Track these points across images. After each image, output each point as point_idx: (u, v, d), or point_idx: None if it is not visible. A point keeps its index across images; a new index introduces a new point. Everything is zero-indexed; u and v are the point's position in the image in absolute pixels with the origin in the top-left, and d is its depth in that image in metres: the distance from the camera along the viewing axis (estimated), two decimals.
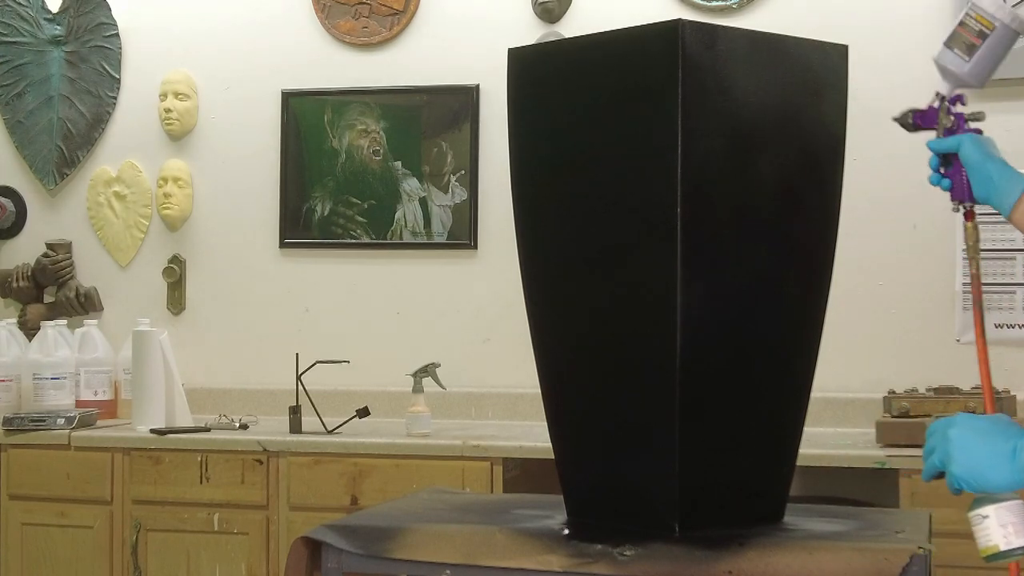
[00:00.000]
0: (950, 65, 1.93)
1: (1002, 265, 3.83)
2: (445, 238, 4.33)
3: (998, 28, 1.90)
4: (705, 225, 2.02)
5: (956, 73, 1.94)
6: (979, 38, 1.90)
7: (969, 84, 1.95)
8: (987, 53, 1.91)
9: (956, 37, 1.94)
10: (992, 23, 1.89)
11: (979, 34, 1.90)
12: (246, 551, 3.79)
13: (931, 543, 2.01)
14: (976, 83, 1.95)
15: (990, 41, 1.90)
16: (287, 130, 4.47)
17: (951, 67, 1.93)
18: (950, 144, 1.93)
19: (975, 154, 1.91)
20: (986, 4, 1.91)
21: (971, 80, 1.94)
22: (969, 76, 1.93)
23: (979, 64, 1.92)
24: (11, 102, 4.70)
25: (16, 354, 4.30)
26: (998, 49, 1.91)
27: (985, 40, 1.90)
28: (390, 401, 4.17)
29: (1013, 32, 1.91)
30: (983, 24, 1.90)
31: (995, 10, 1.90)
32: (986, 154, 1.91)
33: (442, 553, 2.06)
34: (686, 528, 2.05)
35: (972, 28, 1.91)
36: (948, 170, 1.95)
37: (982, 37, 1.90)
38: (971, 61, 1.91)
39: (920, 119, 2.00)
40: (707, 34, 2.01)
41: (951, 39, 1.95)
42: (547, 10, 4.21)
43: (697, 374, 2.02)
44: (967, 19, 1.93)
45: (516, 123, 2.26)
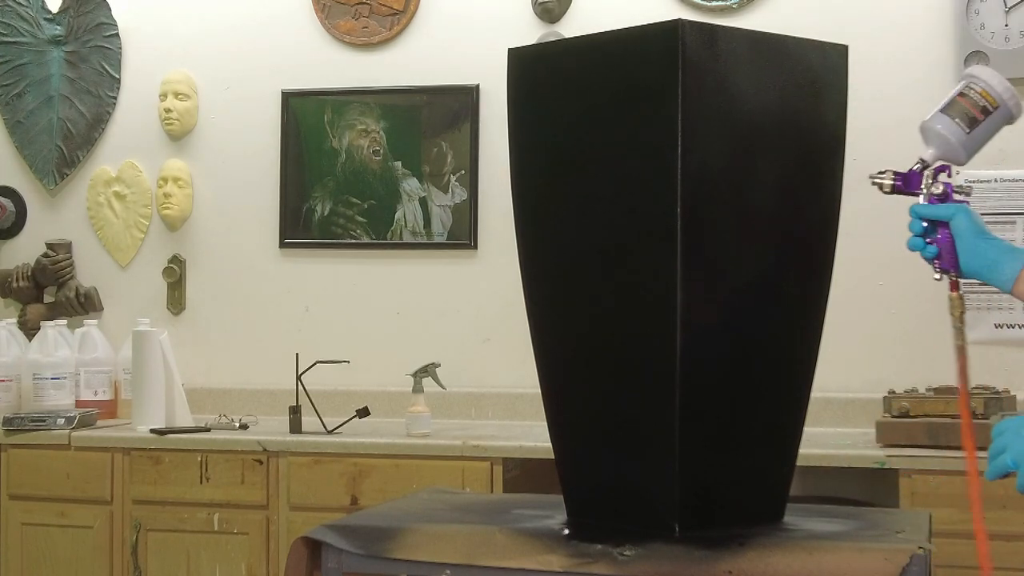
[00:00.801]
0: (948, 133, 1.87)
1: None
2: (445, 238, 4.33)
3: (1001, 108, 1.86)
4: (705, 225, 2.02)
5: (952, 142, 1.88)
6: (983, 113, 1.85)
7: (957, 156, 1.89)
8: (985, 130, 1.87)
9: (956, 106, 1.88)
10: (997, 102, 1.85)
11: (983, 109, 1.85)
12: (246, 551, 3.79)
13: (931, 543, 2.01)
14: (965, 157, 1.89)
15: (991, 119, 1.86)
16: (287, 130, 4.47)
17: (949, 135, 1.87)
18: (942, 212, 1.89)
19: (970, 227, 1.87)
20: (995, 82, 1.87)
21: (963, 152, 1.89)
22: (963, 148, 1.88)
23: (975, 139, 1.87)
24: (11, 102, 4.70)
25: (16, 354, 4.30)
26: (994, 128, 1.87)
27: (988, 116, 1.85)
28: (390, 401, 4.17)
29: (1010, 115, 1.87)
30: (988, 100, 1.85)
31: (1003, 90, 1.86)
32: (979, 228, 1.87)
33: (442, 553, 2.06)
34: (686, 528, 2.05)
35: (976, 101, 1.86)
36: (933, 237, 1.91)
37: (985, 113, 1.85)
38: (971, 134, 1.86)
39: (902, 182, 1.95)
40: (707, 34, 2.01)
41: (950, 107, 1.89)
42: (547, 10, 4.21)
43: (697, 374, 2.02)
44: (970, 91, 1.87)
45: (516, 123, 2.26)
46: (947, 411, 3.43)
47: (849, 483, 3.53)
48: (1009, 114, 1.87)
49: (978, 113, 1.85)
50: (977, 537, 1.74)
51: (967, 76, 1.89)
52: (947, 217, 1.89)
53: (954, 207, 1.89)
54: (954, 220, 1.88)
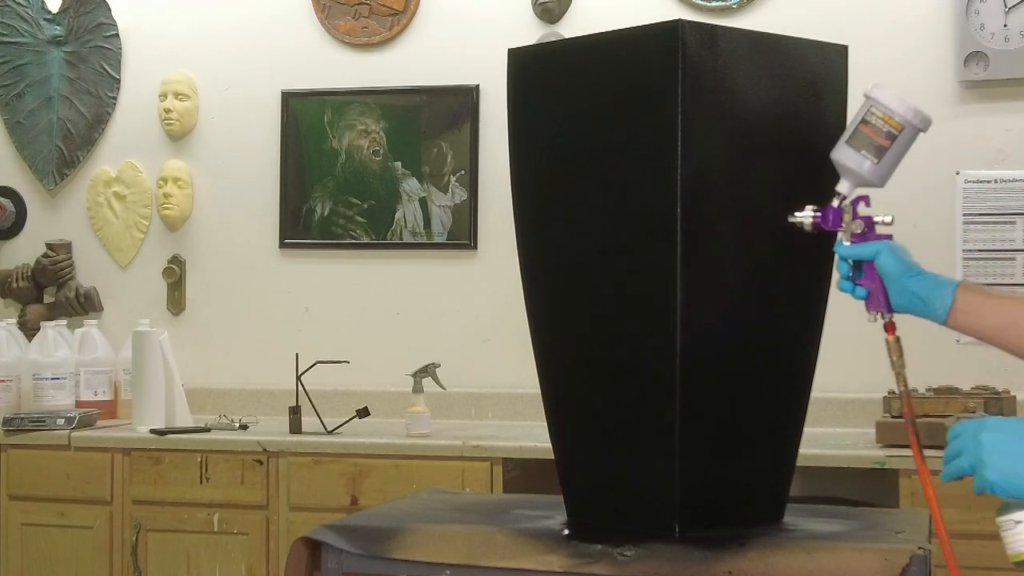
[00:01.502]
0: (855, 166, 1.82)
1: (1002, 265, 3.83)
2: (445, 238, 4.33)
3: (907, 129, 1.80)
4: (705, 225, 2.02)
5: (862, 174, 1.82)
6: (887, 139, 1.80)
7: (872, 184, 1.84)
8: (894, 153, 1.81)
9: (860, 136, 1.82)
10: (901, 124, 1.79)
11: (887, 135, 1.79)
12: (246, 551, 3.79)
13: (931, 543, 2.01)
14: (880, 183, 1.84)
15: (899, 142, 1.80)
16: (287, 130, 4.47)
17: (857, 168, 1.82)
18: (865, 252, 1.84)
19: (894, 265, 1.83)
20: (894, 104, 1.80)
21: (877, 181, 1.83)
22: (876, 177, 1.82)
23: (886, 165, 1.81)
24: (11, 102, 4.70)
25: (16, 354, 4.30)
26: (904, 148, 1.81)
27: (894, 141, 1.79)
28: (390, 401, 4.17)
29: (917, 131, 1.81)
30: (891, 125, 1.79)
31: (904, 111, 1.79)
32: (905, 264, 1.83)
33: (442, 553, 2.06)
34: (686, 528, 2.05)
35: (879, 128, 1.80)
36: (860, 277, 1.85)
37: (891, 139, 1.80)
38: (880, 163, 1.81)
39: (821, 221, 1.87)
40: (707, 34, 2.01)
41: (854, 137, 1.83)
42: (547, 10, 4.21)
43: (697, 374, 2.02)
44: (872, 117, 1.81)
45: (516, 123, 2.26)
46: (947, 411, 3.43)
47: (849, 483, 3.53)
48: (916, 131, 1.81)
49: (883, 140, 1.80)
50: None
51: (867, 99, 1.83)
52: (871, 256, 1.84)
53: (876, 245, 1.83)
54: (878, 259, 1.83)
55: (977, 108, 3.88)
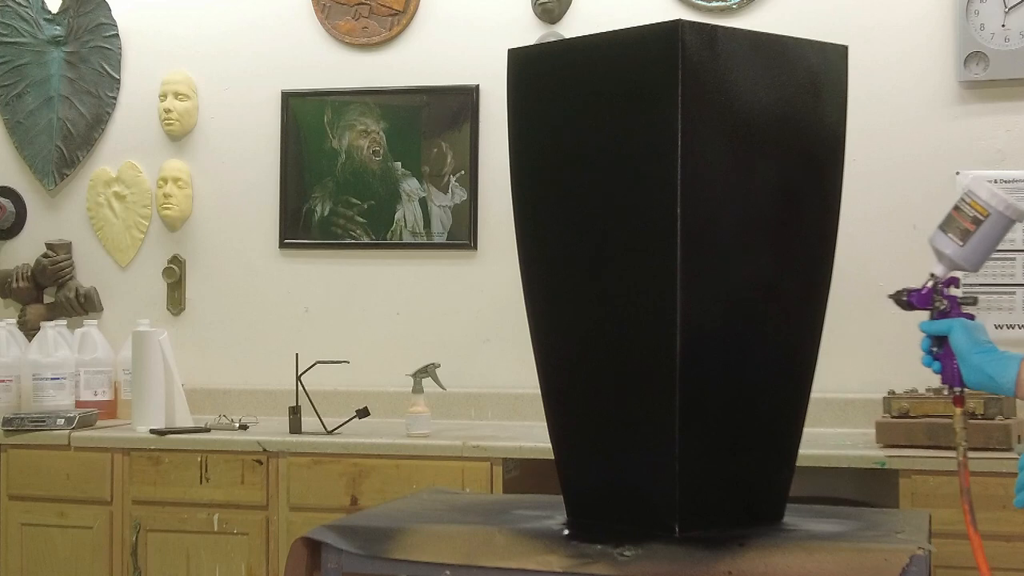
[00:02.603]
0: (944, 248, 1.94)
1: (1002, 265, 3.83)
2: (445, 238, 4.33)
3: (992, 215, 1.89)
4: (705, 226, 2.02)
5: (950, 256, 1.94)
6: (973, 224, 1.90)
7: (963, 268, 1.95)
8: (981, 238, 1.91)
9: (951, 221, 1.94)
10: (987, 210, 1.89)
11: (973, 220, 1.90)
12: (246, 551, 3.79)
13: (931, 543, 2.01)
14: (970, 267, 1.95)
15: (984, 227, 1.90)
16: (287, 130, 4.47)
17: (945, 250, 1.94)
18: (940, 328, 1.94)
19: (964, 342, 1.92)
20: (982, 192, 1.91)
21: (965, 264, 1.94)
22: (963, 260, 1.93)
23: (973, 249, 1.92)
24: (11, 102, 4.70)
25: (16, 354, 4.30)
26: (993, 235, 1.91)
27: (979, 226, 1.90)
28: (390, 401, 4.16)
29: (1008, 219, 1.91)
30: (977, 211, 1.90)
31: (989, 197, 1.90)
32: (975, 341, 1.91)
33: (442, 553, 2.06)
34: (686, 528, 2.05)
35: (967, 214, 1.91)
36: (939, 352, 1.95)
37: (976, 223, 1.90)
38: (965, 246, 1.91)
39: (915, 299, 2.00)
40: (707, 34, 2.01)
41: (946, 223, 1.95)
42: (547, 10, 4.21)
43: (697, 374, 2.02)
44: (962, 204, 1.93)
45: (516, 123, 2.26)
46: (947, 411, 3.42)
47: (849, 483, 3.53)
48: (1005, 219, 1.90)
49: (969, 224, 1.90)
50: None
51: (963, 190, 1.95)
52: (944, 332, 1.94)
53: (950, 323, 1.93)
54: (951, 336, 1.93)
55: (977, 108, 3.88)
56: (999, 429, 3.38)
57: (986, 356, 1.90)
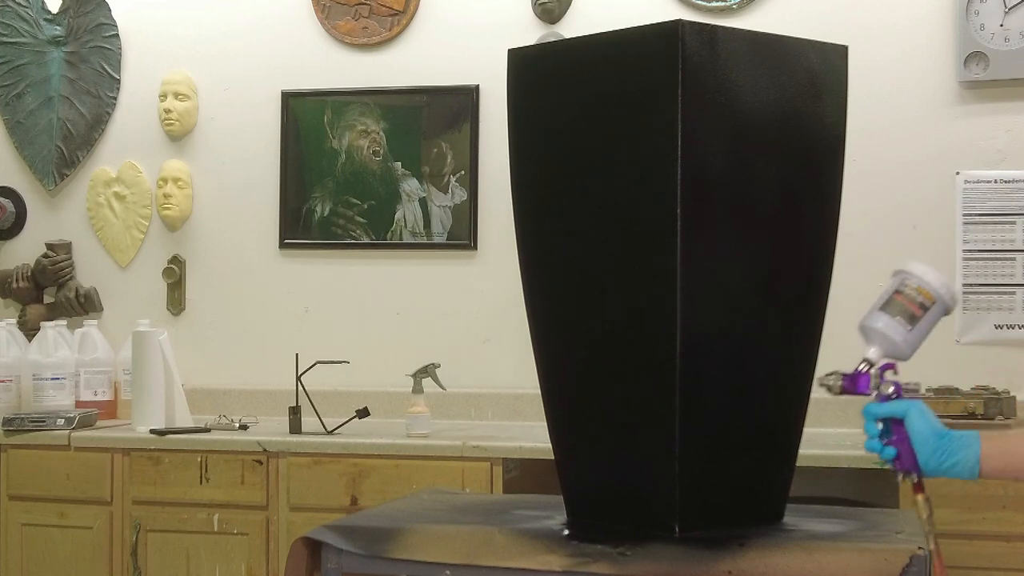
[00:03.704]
0: (890, 332, 1.86)
1: (1002, 265, 3.83)
2: (445, 238, 4.33)
3: (938, 303, 1.86)
4: (705, 225, 2.02)
5: (895, 340, 1.87)
6: (921, 309, 1.85)
7: (901, 353, 1.88)
8: (924, 326, 1.87)
9: (895, 304, 1.88)
10: (934, 297, 1.86)
11: (921, 305, 1.85)
12: (246, 551, 3.79)
13: None
14: (909, 353, 1.88)
15: (929, 314, 1.86)
16: (287, 130, 4.46)
17: (892, 334, 1.86)
18: (895, 410, 1.84)
19: (923, 426, 1.82)
20: (930, 278, 1.87)
21: (906, 349, 1.87)
22: (907, 345, 1.87)
23: (917, 335, 1.86)
24: (11, 102, 4.70)
25: (16, 354, 4.30)
26: (931, 323, 1.87)
27: (926, 312, 1.86)
28: (390, 401, 4.16)
29: (947, 308, 1.88)
30: (924, 296, 1.85)
31: (939, 285, 1.86)
32: (934, 426, 1.82)
33: (442, 553, 2.06)
34: (686, 528, 2.05)
35: (913, 298, 1.86)
36: (889, 438, 1.85)
37: (923, 309, 1.85)
38: (912, 330, 1.86)
39: (849, 384, 1.90)
40: (707, 34, 2.01)
41: (888, 305, 1.88)
42: (547, 10, 4.21)
43: (697, 374, 2.02)
44: (906, 288, 1.88)
45: (516, 123, 2.26)
46: (947, 411, 3.43)
47: (849, 483, 3.52)
48: (945, 307, 1.87)
49: (916, 309, 1.85)
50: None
51: (901, 273, 1.90)
52: (901, 414, 1.83)
53: (907, 404, 1.84)
54: (908, 418, 1.82)
55: (977, 108, 3.88)
56: (999, 429, 3.38)
57: (945, 440, 1.81)
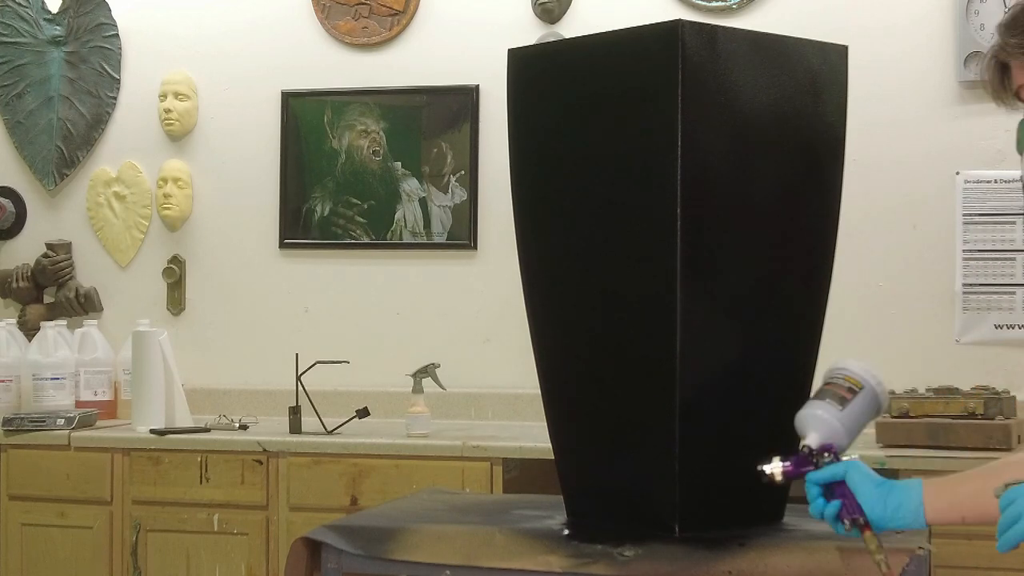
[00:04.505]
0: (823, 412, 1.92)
1: (1002, 265, 3.83)
2: (445, 238, 4.33)
3: (866, 388, 1.94)
4: (705, 225, 2.02)
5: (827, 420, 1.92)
6: (850, 393, 1.94)
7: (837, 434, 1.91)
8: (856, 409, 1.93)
9: (825, 392, 1.96)
10: (861, 383, 1.94)
11: (849, 390, 1.94)
12: (246, 551, 3.79)
13: (931, 543, 2.00)
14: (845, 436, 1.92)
15: (859, 398, 1.93)
16: (287, 130, 4.46)
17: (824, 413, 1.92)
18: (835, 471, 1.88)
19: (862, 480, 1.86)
20: (855, 367, 1.97)
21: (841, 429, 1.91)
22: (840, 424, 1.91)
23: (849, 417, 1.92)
24: (11, 102, 4.70)
25: (16, 354, 4.30)
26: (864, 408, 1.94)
27: (855, 396, 1.93)
28: (390, 401, 4.16)
29: (876, 397, 1.95)
30: (852, 383, 1.94)
31: (863, 372, 1.95)
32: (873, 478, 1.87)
33: (442, 554, 2.06)
34: (686, 528, 2.05)
35: (842, 384, 1.95)
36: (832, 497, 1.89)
37: (852, 393, 1.94)
38: (844, 410, 1.92)
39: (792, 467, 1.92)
40: (707, 34, 2.01)
41: (819, 394, 1.96)
42: (547, 10, 4.21)
43: (697, 374, 2.02)
44: (835, 379, 1.96)
45: (516, 123, 2.26)
46: (947, 411, 3.43)
47: None
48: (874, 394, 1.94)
49: (846, 393, 1.93)
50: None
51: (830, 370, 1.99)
52: (840, 476, 1.87)
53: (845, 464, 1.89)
54: (848, 476, 1.87)
55: (977, 108, 3.88)
56: (999, 429, 3.38)
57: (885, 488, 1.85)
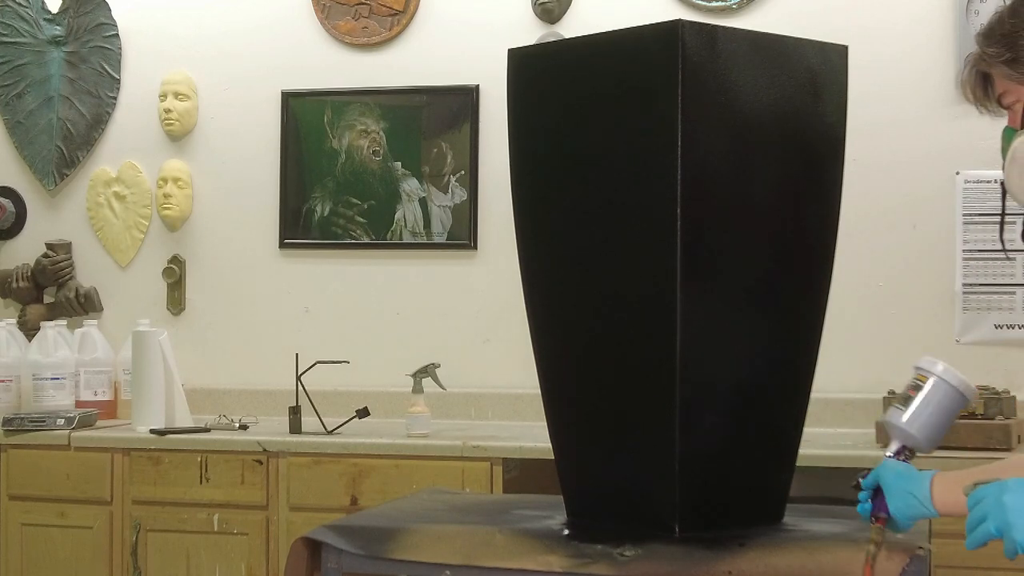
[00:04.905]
0: (889, 418, 1.95)
1: (1002, 265, 3.83)
2: (445, 238, 4.33)
3: (931, 380, 1.92)
4: (705, 225, 2.02)
5: (894, 424, 1.93)
6: (914, 390, 1.93)
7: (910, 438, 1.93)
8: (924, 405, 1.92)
9: (896, 397, 1.97)
10: (926, 376, 1.93)
11: (914, 387, 1.93)
12: (246, 551, 3.79)
13: (931, 543, 2.01)
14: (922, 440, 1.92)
15: (926, 393, 1.92)
16: (287, 130, 4.46)
17: (890, 419, 1.94)
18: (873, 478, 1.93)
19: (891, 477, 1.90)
20: (923, 362, 1.96)
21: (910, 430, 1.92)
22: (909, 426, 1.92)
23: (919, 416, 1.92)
24: (11, 102, 4.70)
25: (16, 354, 4.30)
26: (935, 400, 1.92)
27: (919, 391, 1.92)
28: (390, 401, 4.16)
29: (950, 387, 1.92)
30: (919, 379, 1.93)
31: (928, 365, 1.94)
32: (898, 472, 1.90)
33: (442, 554, 2.06)
34: (686, 529, 2.05)
35: (910, 384, 1.94)
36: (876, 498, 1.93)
37: (916, 389, 1.93)
38: (907, 411, 1.92)
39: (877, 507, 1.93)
40: (707, 34, 2.01)
41: (894, 399, 1.98)
42: (547, 10, 4.21)
43: (697, 374, 2.02)
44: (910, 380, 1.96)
45: (516, 123, 2.26)
46: None
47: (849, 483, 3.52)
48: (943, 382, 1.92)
49: (911, 391, 1.93)
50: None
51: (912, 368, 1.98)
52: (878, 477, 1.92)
53: (878, 469, 1.92)
54: (881, 477, 1.91)
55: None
56: (999, 429, 3.38)
57: (905, 477, 1.89)
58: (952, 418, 1.94)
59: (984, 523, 1.66)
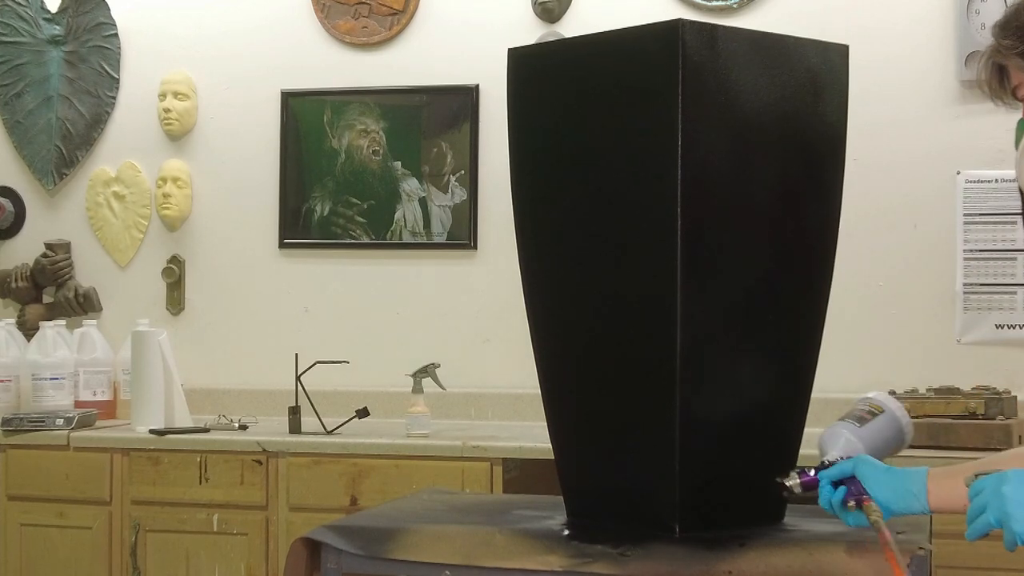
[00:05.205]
0: (841, 429, 2.01)
1: (1002, 265, 3.83)
2: (445, 238, 4.33)
3: (886, 412, 2.03)
4: (705, 225, 2.02)
5: (847, 436, 2.00)
6: (870, 415, 2.03)
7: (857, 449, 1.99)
8: (875, 428, 2.02)
9: (846, 415, 2.04)
10: (882, 407, 2.03)
11: (870, 412, 2.03)
12: (245, 551, 3.79)
13: (931, 543, 2.01)
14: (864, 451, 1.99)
15: (879, 420, 2.02)
16: (287, 130, 4.46)
17: (842, 430, 2.01)
18: (844, 468, 1.95)
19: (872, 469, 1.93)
20: (879, 396, 2.07)
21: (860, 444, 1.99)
22: (859, 439, 2.00)
23: (868, 434, 2.01)
24: (10, 102, 4.70)
25: (15, 354, 4.30)
26: (884, 428, 2.02)
27: (875, 417, 2.02)
28: (390, 401, 4.16)
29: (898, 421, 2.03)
30: (874, 407, 2.03)
31: (884, 399, 2.05)
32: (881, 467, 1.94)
33: (442, 554, 2.06)
34: (686, 528, 2.05)
35: (863, 409, 2.04)
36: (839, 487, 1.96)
37: (872, 415, 2.03)
38: (863, 427, 2.01)
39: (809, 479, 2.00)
40: (707, 34, 2.01)
41: (842, 418, 2.04)
42: (547, 10, 4.21)
43: (697, 374, 2.02)
44: (858, 406, 2.05)
45: (516, 123, 2.26)
46: (948, 412, 3.43)
47: None
48: (895, 418, 2.03)
49: (865, 415, 2.03)
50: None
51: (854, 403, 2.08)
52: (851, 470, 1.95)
53: (854, 460, 1.96)
54: (857, 468, 1.94)
55: (977, 108, 3.87)
56: (1000, 429, 3.38)
57: (892, 473, 1.92)
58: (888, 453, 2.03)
59: (984, 514, 1.66)
